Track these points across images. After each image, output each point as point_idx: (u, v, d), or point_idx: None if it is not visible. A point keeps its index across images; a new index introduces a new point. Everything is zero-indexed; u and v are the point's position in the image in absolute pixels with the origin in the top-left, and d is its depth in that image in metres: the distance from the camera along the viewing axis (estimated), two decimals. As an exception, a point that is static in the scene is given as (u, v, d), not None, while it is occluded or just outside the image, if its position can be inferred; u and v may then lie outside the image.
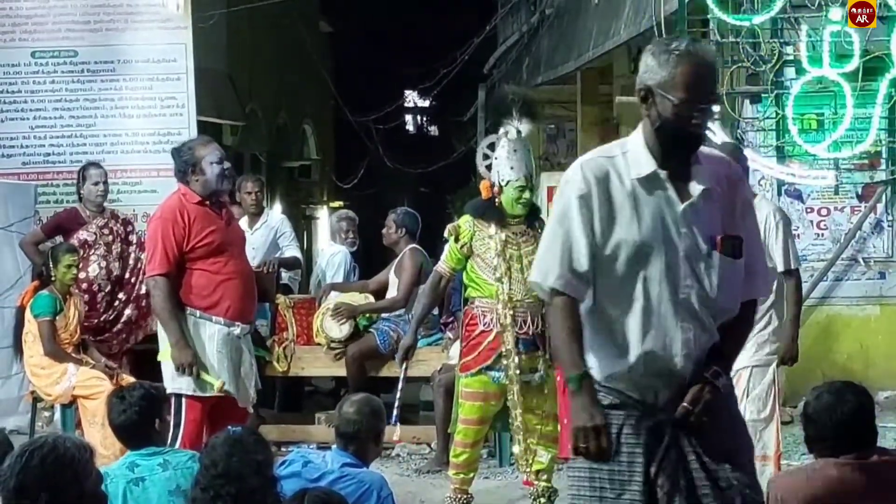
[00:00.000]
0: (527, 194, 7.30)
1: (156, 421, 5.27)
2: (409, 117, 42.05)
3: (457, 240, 7.34)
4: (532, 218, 7.37)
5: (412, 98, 37.90)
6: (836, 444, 4.25)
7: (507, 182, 7.24)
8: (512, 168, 7.25)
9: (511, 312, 7.15)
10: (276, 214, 11.53)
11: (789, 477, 4.52)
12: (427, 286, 7.76)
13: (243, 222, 10.20)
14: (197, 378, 6.95)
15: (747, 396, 7.02)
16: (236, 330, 7.17)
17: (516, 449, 7.39)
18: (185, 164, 7.19)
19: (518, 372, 7.15)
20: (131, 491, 4.84)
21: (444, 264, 7.48)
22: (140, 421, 5.14)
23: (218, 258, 7.12)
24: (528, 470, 7.36)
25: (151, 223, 7.35)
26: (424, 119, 44.91)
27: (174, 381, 7.00)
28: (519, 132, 7.31)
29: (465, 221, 7.35)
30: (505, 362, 7.16)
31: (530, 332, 7.17)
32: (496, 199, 7.29)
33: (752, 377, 7.04)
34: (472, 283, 7.32)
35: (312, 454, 5.06)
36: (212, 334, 7.09)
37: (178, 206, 7.13)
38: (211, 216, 7.18)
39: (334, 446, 5.06)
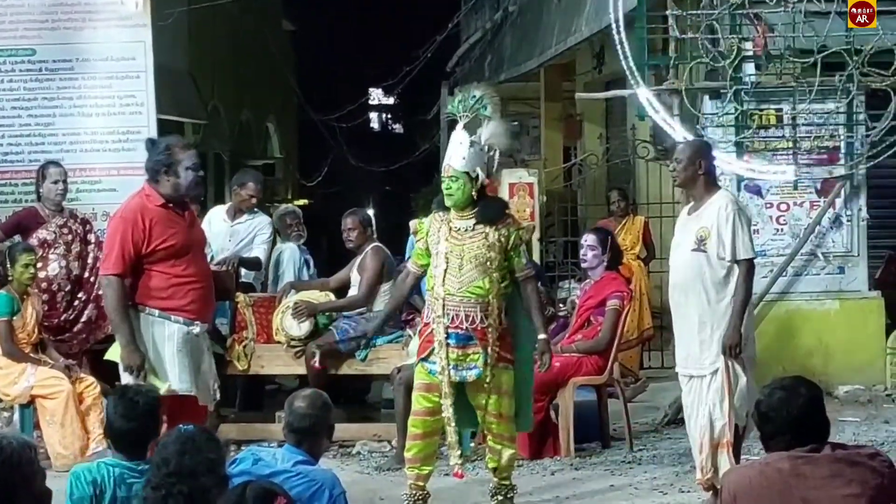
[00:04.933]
0: (449, 184, 7.11)
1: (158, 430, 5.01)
2: (373, 115, 42.07)
3: (416, 235, 7.36)
4: (489, 214, 7.22)
5: (376, 96, 37.89)
6: (792, 439, 4.26)
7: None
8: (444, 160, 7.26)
9: (441, 304, 7.12)
10: (263, 216, 11.40)
11: (742, 471, 4.52)
12: (397, 282, 7.76)
13: (225, 210, 10.60)
14: (144, 380, 6.90)
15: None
16: (195, 329, 7.17)
17: (451, 438, 7.28)
18: (159, 162, 7.13)
19: (448, 364, 7.10)
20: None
21: (411, 260, 7.52)
22: (147, 431, 4.86)
23: (178, 260, 7.10)
24: (458, 462, 7.27)
25: (112, 222, 7.31)
26: (388, 117, 44.93)
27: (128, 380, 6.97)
28: (465, 127, 7.20)
29: (429, 217, 7.34)
30: (437, 352, 7.15)
31: (463, 326, 7.10)
32: None
33: (713, 376, 7.09)
34: (429, 277, 7.32)
35: (263, 451, 5.01)
36: (171, 334, 7.07)
37: (140, 208, 7.08)
38: (173, 218, 7.14)
39: (286, 444, 5.02)
